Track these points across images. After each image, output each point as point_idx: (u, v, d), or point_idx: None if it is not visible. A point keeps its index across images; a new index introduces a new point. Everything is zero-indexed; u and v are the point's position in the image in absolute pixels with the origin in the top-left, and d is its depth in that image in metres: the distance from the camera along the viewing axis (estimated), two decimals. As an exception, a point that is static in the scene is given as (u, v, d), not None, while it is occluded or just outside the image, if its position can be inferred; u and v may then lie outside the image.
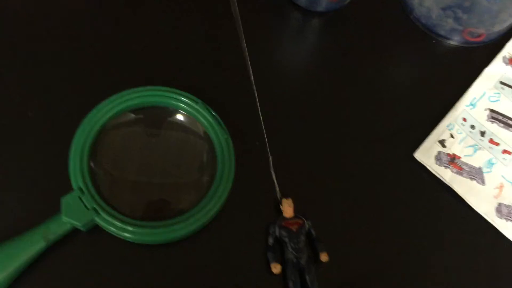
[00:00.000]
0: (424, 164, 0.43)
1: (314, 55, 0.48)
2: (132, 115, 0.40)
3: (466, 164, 0.43)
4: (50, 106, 0.41)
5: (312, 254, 0.39)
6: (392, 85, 0.47)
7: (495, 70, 0.48)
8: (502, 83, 0.47)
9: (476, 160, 0.44)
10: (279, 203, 0.40)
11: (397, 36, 0.49)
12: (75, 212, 0.36)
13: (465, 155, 0.44)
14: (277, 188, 0.40)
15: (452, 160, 0.43)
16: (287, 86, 0.45)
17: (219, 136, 0.39)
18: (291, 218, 0.39)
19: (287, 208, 0.39)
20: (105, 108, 0.39)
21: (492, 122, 0.46)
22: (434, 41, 0.49)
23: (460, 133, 0.45)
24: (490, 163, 0.44)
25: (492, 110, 0.46)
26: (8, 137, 0.40)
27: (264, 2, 0.48)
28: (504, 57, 0.48)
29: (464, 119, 0.45)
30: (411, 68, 0.48)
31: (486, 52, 0.49)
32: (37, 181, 0.38)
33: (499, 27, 0.49)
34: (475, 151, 0.44)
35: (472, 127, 0.45)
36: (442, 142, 0.44)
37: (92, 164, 0.38)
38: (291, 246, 0.38)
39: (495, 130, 0.45)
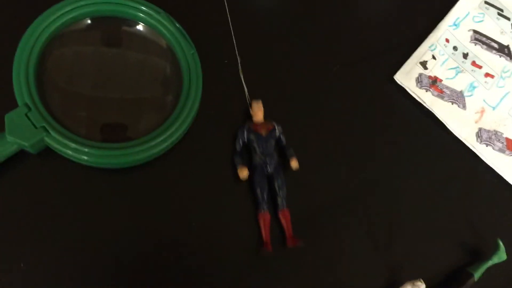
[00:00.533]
0: (404, 87, 0.41)
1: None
2: (86, 24, 0.36)
3: (448, 87, 0.41)
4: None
5: (282, 161, 0.36)
6: (374, 5, 0.43)
7: (480, -11, 0.45)
8: (486, 2, 0.44)
9: (457, 83, 0.42)
10: (249, 107, 0.37)
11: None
12: (21, 131, 0.32)
13: (447, 78, 0.41)
14: (246, 91, 0.37)
15: (433, 83, 0.41)
16: (262, 5, 0.41)
17: (184, 51, 0.35)
18: (260, 123, 0.36)
19: (257, 111, 0.36)
20: (54, 14, 0.34)
21: (476, 43, 0.43)
22: (418, -44, 0.45)
23: (442, 55, 0.42)
24: (472, 87, 0.42)
25: (475, 31, 0.43)
26: None
27: None
28: (490, -25, 0.45)
29: (447, 40, 0.43)
30: (393, -14, 0.45)
31: (472, -30, 0.45)
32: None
33: None
34: (457, 74, 0.42)
35: (455, 48, 0.43)
36: (423, 64, 0.41)
37: (40, 78, 0.34)
38: (260, 151, 0.35)
39: (478, 52, 0.43)
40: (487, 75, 0.42)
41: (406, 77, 0.41)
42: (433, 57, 0.42)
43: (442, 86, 0.41)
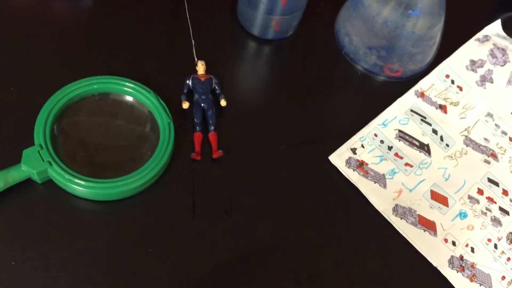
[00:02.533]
0: (337, 166, 0.51)
1: (260, 72, 0.57)
2: (92, 97, 0.49)
3: (372, 170, 0.51)
4: (28, 85, 0.50)
5: (215, 101, 0.52)
6: (320, 103, 0.56)
7: (408, 100, 0.57)
8: (412, 111, 0.56)
9: (381, 168, 0.52)
10: (195, 65, 0.53)
11: (329, 65, 0.58)
12: (32, 162, 0.44)
13: (372, 163, 0.52)
14: (194, 51, 0.53)
15: (360, 165, 0.51)
16: (240, 95, 0.54)
17: (163, 119, 0.48)
18: (201, 74, 0.53)
19: (200, 66, 0.53)
20: (70, 88, 0.48)
21: (399, 140, 0.54)
22: (359, 73, 0.58)
23: (370, 145, 0.53)
24: (393, 172, 0.52)
25: (400, 131, 0.54)
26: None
27: (223, 29, 0.58)
28: (416, 91, 0.57)
29: (375, 135, 0.54)
30: (338, 92, 0.57)
31: (402, 86, 0.58)
32: (8, 136, 0.47)
33: (414, 66, 0.58)
34: (381, 161, 0.52)
35: (381, 142, 0.53)
36: (353, 150, 0.52)
37: (54, 129, 0.46)
38: (199, 91, 0.51)
39: (401, 146, 0.53)
40: (407, 164, 0.53)
41: (339, 158, 0.51)
42: (362, 146, 0.52)
43: (368, 169, 0.51)
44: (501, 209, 0.52)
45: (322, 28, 0.60)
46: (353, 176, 0.50)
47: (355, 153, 0.52)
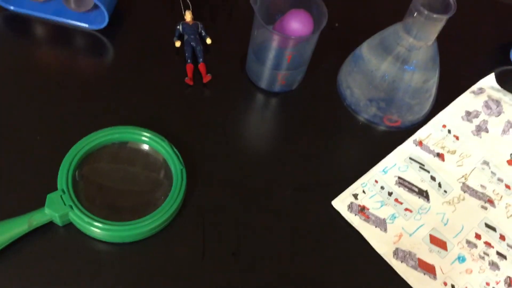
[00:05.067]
0: (339, 211, 0.54)
1: (267, 122, 0.61)
2: (111, 146, 0.53)
3: (373, 215, 0.54)
4: (53, 134, 0.54)
5: (201, 40, 0.64)
6: (324, 151, 0.59)
7: (407, 148, 0.60)
8: (411, 158, 0.59)
9: (381, 212, 0.54)
10: (183, 14, 0.65)
11: (333, 116, 0.62)
12: (55, 206, 0.47)
13: (373, 208, 0.54)
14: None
15: (362, 210, 0.54)
16: (249, 143, 0.58)
17: (176, 166, 0.51)
18: (189, 21, 0.64)
19: (187, 15, 0.64)
20: (92, 138, 0.52)
21: (399, 186, 0.57)
22: (360, 123, 0.62)
23: (371, 191, 0.56)
24: (393, 216, 0.54)
25: (400, 177, 0.57)
26: (23, 151, 0.53)
27: (233, 82, 0.63)
28: (414, 140, 0.61)
29: (376, 181, 0.57)
30: (341, 140, 0.61)
31: (401, 135, 0.61)
32: (33, 180, 0.51)
33: (412, 117, 0.62)
34: (381, 206, 0.55)
35: (382, 188, 0.56)
36: (355, 195, 0.55)
37: (76, 175, 0.50)
38: (188, 32, 0.63)
39: (401, 192, 0.56)
40: (406, 209, 0.55)
41: (341, 203, 0.54)
42: (364, 192, 0.55)
43: (369, 213, 0.54)
44: (498, 253, 0.54)
45: (325, 81, 0.65)
46: (355, 221, 0.53)
47: (356, 198, 0.55)
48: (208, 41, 0.64)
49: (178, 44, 0.63)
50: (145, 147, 0.53)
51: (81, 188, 0.50)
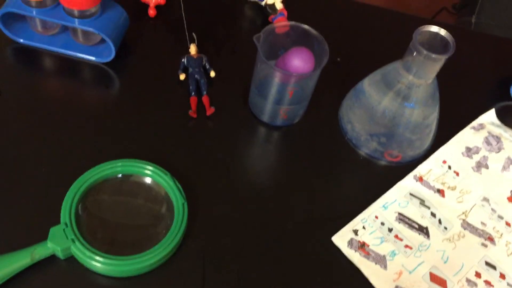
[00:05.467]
0: (339, 247, 0.54)
1: (269, 156, 0.62)
2: (114, 179, 0.54)
3: (373, 251, 0.54)
4: (58, 165, 0.55)
5: (205, 73, 0.65)
6: (325, 186, 0.60)
7: (407, 184, 0.60)
8: (411, 194, 0.60)
9: (381, 249, 0.54)
10: (188, 47, 0.66)
11: (334, 150, 0.63)
12: (58, 240, 0.48)
13: (373, 244, 0.55)
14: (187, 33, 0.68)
15: (362, 246, 0.54)
16: (250, 176, 0.59)
17: (178, 200, 0.52)
18: (194, 54, 0.66)
19: (192, 48, 0.66)
20: (96, 171, 0.53)
21: (399, 222, 0.57)
22: (361, 157, 0.62)
23: (371, 227, 0.56)
24: (393, 253, 0.54)
25: (400, 213, 0.58)
26: (28, 183, 0.54)
27: (235, 116, 0.64)
28: (415, 175, 0.61)
29: (376, 217, 0.57)
30: (341, 175, 0.61)
31: (402, 170, 0.62)
32: (38, 214, 0.51)
33: (413, 152, 0.63)
34: (381, 242, 0.55)
35: (382, 223, 0.56)
36: (355, 231, 0.55)
37: (79, 208, 0.50)
38: (192, 65, 0.65)
39: (401, 228, 0.56)
40: (406, 246, 0.55)
41: (341, 239, 0.54)
42: (364, 228, 0.56)
43: (369, 250, 0.54)
44: (499, 292, 0.54)
45: (326, 116, 0.66)
46: (355, 258, 0.53)
47: (356, 234, 0.55)
48: (212, 74, 0.65)
49: (182, 77, 0.65)
50: (148, 180, 0.54)
51: (84, 221, 0.50)
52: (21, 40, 0.65)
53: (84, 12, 0.60)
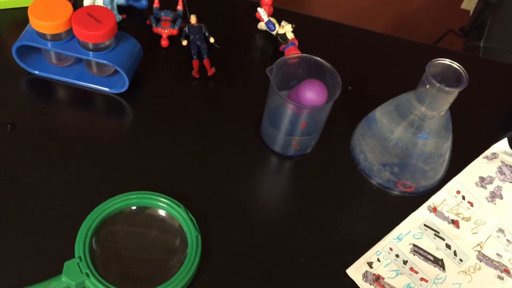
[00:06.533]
0: (354, 280, 0.53)
1: (281, 186, 0.62)
2: (128, 211, 0.54)
3: (388, 284, 0.53)
4: (72, 198, 0.55)
5: (205, 40, 0.71)
6: (338, 216, 0.59)
7: (421, 214, 0.60)
8: (425, 225, 0.59)
9: (397, 282, 0.54)
10: (188, 18, 0.71)
11: (346, 180, 0.63)
12: (72, 274, 0.48)
13: (388, 277, 0.54)
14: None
15: (377, 279, 0.54)
16: (262, 207, 0.59)
17: (191, 232, 0.52)
18: (194, 23, 0.71)
19: (192, 18, 0.71)
20: (110, 203, 0.53)
21: (414, 254, 0.56)
22: (374, 187, 0.62)
23: (386, 259, 0.55)
24: (409, 286, 0.54)
25: (415, 245, 0.57)
26: (42, 216, 0.54)
27: (248, 146, 0.64)
28: (429, 206, 0.61)
29: (391, 249, 0.56)
30: (354, 205, 0.61)
31: (415, 200, 0.61)
32: (53, 247, 0.52)
33: (426, 183, 0.62)
34: (396, 275, 0.54)
35: (397, 256, 0.56)
36: (370, 264, 0.55)
37: (93, 242, 0.50)
38: (193, 33, 0.71)
39: (416, 261, 0.56)
40: (422, 279, 0.55)
41: (356, 272, 0.54)
42: (378, 260, 0.55)
43: (384, 283, 0.53)
44: (517, 327, 0.53)
45: (338, 145, 0.66)
46: (370, 291, 0.53)
47: (371, 267, 0.54)
48: (212, 40, 0.71)
49: (185, 43, 0.71)
50: (162, 212, 0.54)
51: (98, 255, 0.50)
52: (36, 72, 0.66)
53: (99, 45, 0.61)
